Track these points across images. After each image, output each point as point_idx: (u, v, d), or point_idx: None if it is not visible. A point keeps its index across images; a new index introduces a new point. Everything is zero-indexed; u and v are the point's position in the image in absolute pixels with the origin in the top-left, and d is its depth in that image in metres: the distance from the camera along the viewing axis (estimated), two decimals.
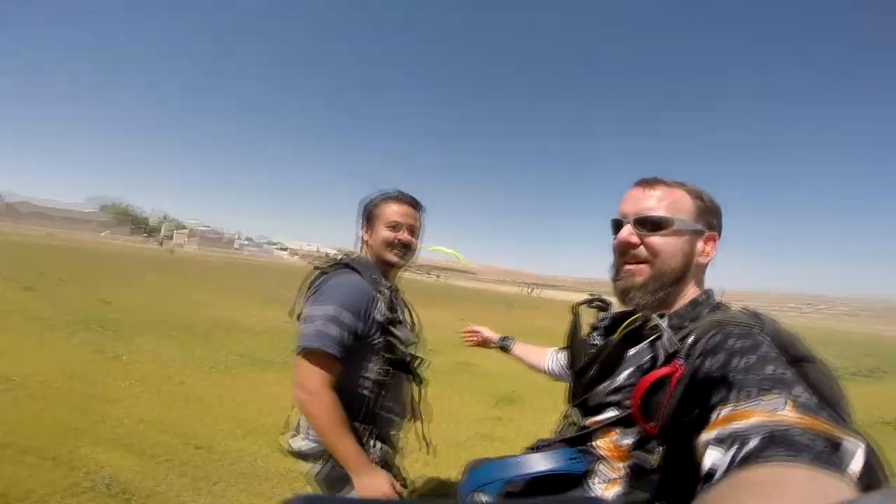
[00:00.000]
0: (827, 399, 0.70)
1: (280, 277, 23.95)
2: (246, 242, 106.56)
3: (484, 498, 0.98)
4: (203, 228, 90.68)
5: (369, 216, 1.65)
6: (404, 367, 1.60)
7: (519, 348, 1.72)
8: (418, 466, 3.05)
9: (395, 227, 1.59)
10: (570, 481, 0.94)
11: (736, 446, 0.56)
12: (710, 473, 0.57)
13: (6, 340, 5.51)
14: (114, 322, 7.44)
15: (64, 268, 14.00)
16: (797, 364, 0.74)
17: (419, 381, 1.68)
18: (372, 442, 1.47)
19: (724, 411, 0.63)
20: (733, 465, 0.53)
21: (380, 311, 1.49)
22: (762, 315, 0.83)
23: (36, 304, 8.19)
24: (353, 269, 1.54)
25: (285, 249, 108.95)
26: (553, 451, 1.00)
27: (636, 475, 0.83)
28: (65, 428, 3.32)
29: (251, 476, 3.01)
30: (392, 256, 1.60)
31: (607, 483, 0.89)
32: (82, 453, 2.97)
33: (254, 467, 3.13)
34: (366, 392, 1.49)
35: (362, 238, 1.68)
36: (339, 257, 1.64)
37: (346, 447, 1.36)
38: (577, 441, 0.97)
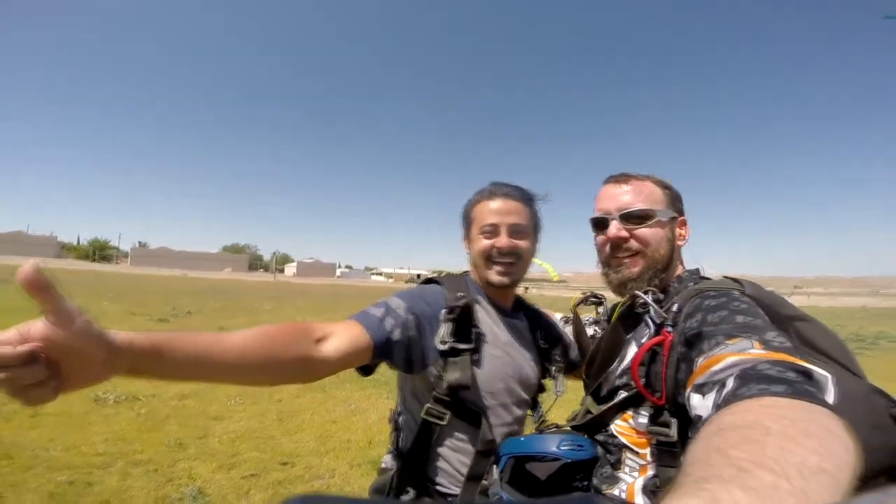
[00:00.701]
0: (825, 353, 0.78)
1: (374, 298, 24.80)
2: (346, 270, 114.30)
3: (495, 469, 1.04)
4: (308, 260, 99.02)
5: (466, 223, 1.29)
6: (471, 418, 1.11)
7: None
8: None
9: (492, 231, 1.19)
10: (585, 465, 0.96)
11: (715, 390, 0.59)
12: (697, 421, 0.61)
13: None
14: None
15: (193, 302, 15.90)
16: (789, 323, 0.81)
17: (485, 448, 1.09)
18: (407, 488, 1.12)
19: (700, 361, 0.68)
20: (714, 409, 0.56)
21: (440, 336, 1.09)
22: (743, 281, 0.90)
23: None
24: (436, 282, 1.25)
25: (380, 274, 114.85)
26: (551, 434, 1.02)
27: (662, 454, 0.85)
28: (172, 443, 3.59)
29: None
30: (493, 274, 1.19)
31: (638, 471, 0.90)
32: (181, 467, 3.16)
33: (329, 484, 3.10)
34: (408, 431, 1.16)
35: (467, 251, 1.31)
36: (433, 275, 1.31)
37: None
38: (593, 428, 1.00)
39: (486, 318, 1.21)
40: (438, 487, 1.14)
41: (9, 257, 45.07)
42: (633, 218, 1.02)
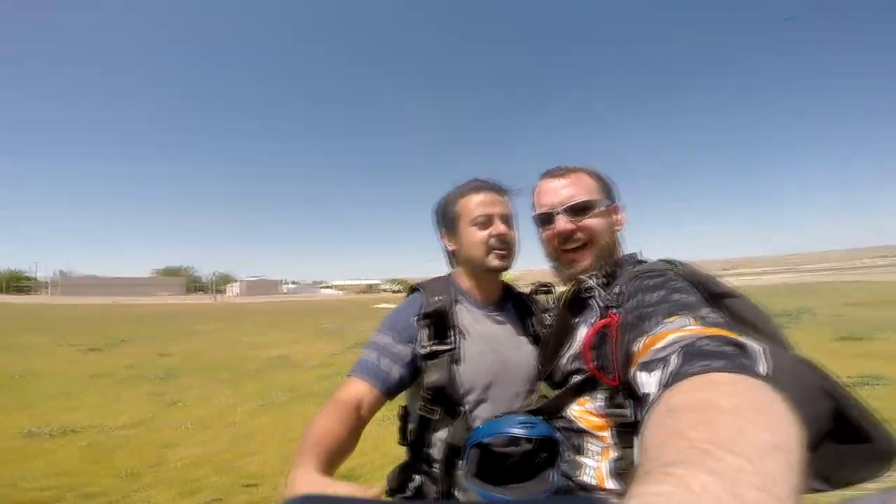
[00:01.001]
0: (753, 326, 0.80)
1: (324, 313, 24.44)
2: (292, 286, 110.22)
3: (460, 464, 1.05)
4: (251, 279, 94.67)
5: (448, 220, 1.30)
6: (455, 413, 1.17)
7: None
8: None
9: (486, 221, 1.23)
10: (547, 445, 0.98)
11: (660, 368, 0.61)
12: (646, 399, 0.61)
13: (72, 397, 5.84)
14: (170, 371, 7.75)
15: (125, 329, 14.86)
16: (720, 300, 0.85)
17: (462, 434, 1.13)
18: (413, 475, 1.21)
19: (643, 340, 0.70)
20: (661, 388, 0.57)
21: (421, 341, 1.18)
22: (676, 261, 0.94)
23: (100, 363, 8.67)
24: (418, 289, 1.31)
25: (330, 287, 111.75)
26: (505, 417, 1.06)
27: (623, 435, 0.87)
28: (122, 473, 3.40)
29: None
30: (494, 260, 1.23)
31: (600, 454, 0.91)
32: (138, 497, 3.02)
33: None
34: (412, 424, 1.24)
35: (448, 250, 1.34)
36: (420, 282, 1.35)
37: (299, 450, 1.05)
38: (549, 412, 1.02)
39: (468, 316, 1.27)
40: (436, 472, 1.21)
41: None
42: (578, 210, 1.05)
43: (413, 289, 1.35)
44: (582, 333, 0.99)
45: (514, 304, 1.37)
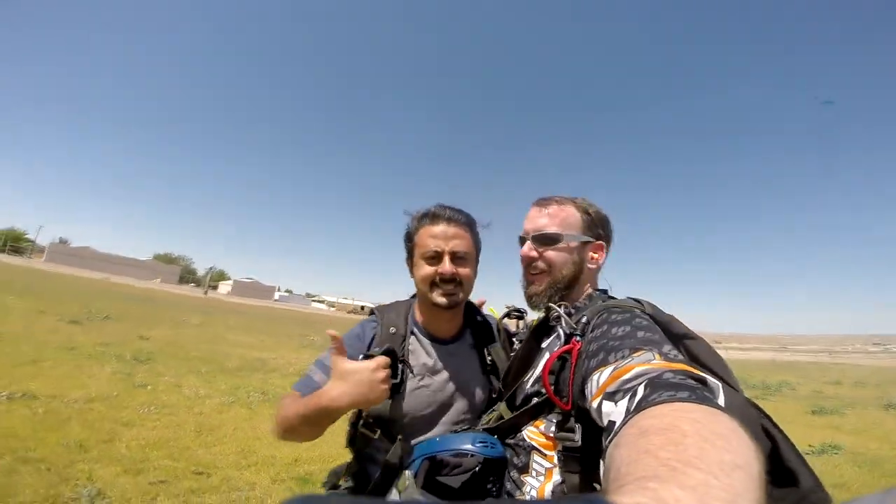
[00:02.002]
0: (709, 368, 0.84)
1: (311, 325, 24.14)
2: (286, 294, 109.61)
3: (407, 475, 1.05)
4: (246, 280, 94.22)
5: (408, 248, 1.29)
6: (389, 437, 1.20)
7: None
8: None
9: (433, 257, 1.21)
10: (497, 466, 1.02)
11: (627, 397, 0.64)
12: (611, 427, 0.62)
13: (42, 365, 5.66)
14: (148, 356, 7.54)
15: (112, 307, 14.57)
16: (680, 340, 0.89)
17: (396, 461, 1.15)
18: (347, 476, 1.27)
19: (608, 371, 0.73)
20: (629, 415, 0.58)
21: None
22: (643, 301, 0.99)
23: (78, 336, 8.46)
24: (374, 314, 1.33)
25: (322, 302, 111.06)
26: (463, 433, 1.10)
27: (567, 460, 0.88)
28: (71, 444, 3.24)
29: None
30: (438, 297, 1.21)
31: (544, 475, 0.93)
32: (79, 468, 2.86)
33: (249, 497, 2.91)
34: (356, 440, 1.24)
35: (410, 275, 1.32)
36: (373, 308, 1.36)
37: (303, 405, 1.07)
38: (505, 432, 1.06)
39: (419, 350, 1.29)
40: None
41: None
42: (544, 240, 1.11)
43: (371, 312, 1.35)
44: (545, 358, 1.03)
45: (472, 333, 1.38)
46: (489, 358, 1.32)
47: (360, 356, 1.11)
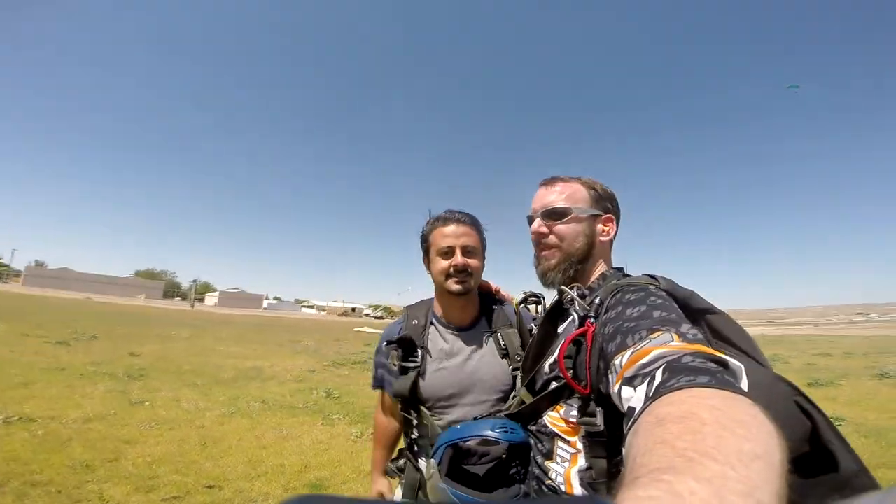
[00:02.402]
0: (732, 342, 0.84)
1: (304, 331, 23.94)
2: (274, 302, 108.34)
3: (432, 463, 1.09)
4: (232, 290, 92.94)
5: (424, 249, 1.50)
6: (423, 418, 1.41)
7: None
8: None
9: (448, 252, 1.41)
10: (520, 451, 1.05)
11: (646, 382, 0.62)
12: (630, 413, 0.61)
13: (33, 388, 5.54)
14: (140, 372, 7.43)
15: (98, 326, 14.30)
16: (701, 315, 0.88)
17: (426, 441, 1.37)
18: (402, 463, 1.49)
19: (627, 355, 0.70)
20: (647, 401, 0.57)
21: (392, 361, 1.44)
22: (660, 277, 0.94)
23: (67, 356, 8.29)
24: (406, 311, 1.58)
25: (312, 307, 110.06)
26: (483, 420, 1.14)
27: (591, 445, 0.87)
28: (77, 465, 3.20)
29: None
30: (452, 285, 1.41)
31: (569, 461, 0.93)
32: (89, 488, 2.83)
33: None
34: (402, 424, 1.52)
35: (428, 272, 1.53)
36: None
37: (373, 457, 1.61)
38: (526, 417, 1.06)
39: (437, 337, 1.49)
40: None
41: None
42: (553, 215, 1.11)
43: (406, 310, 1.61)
44: (561, 342, 1.01)
45: (487, 320, 1.54)
46: (503, 343, 1.46)
47: (384, 343, 1.50)
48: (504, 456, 1.07)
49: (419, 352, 1.43)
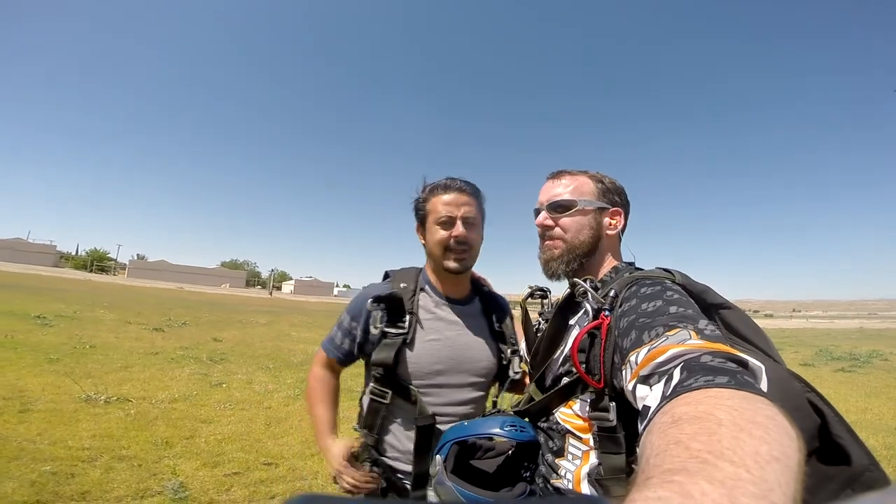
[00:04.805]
0: (748, 339, 0.82)
1: None
2: (344, 289, 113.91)
3: (438, 459, 1.05)
4: (306, 279, 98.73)
5: (420, 215, 1.36)
6: (406, 395, 1.26)
7: None
8: None
9: (447, 222, 1.28)
10: (530, 450, 1.02)
11: (663, 381, 0.61)
12: (645, 412, 0.60)
13: (132, 370, 6.28)
14: (221, 356, 8.17)
15: (188, 313, 15.85)
16: (715, 310, 0.86)
17: (421, 419, 1.23)
18: (368, 457, 1.28)
19: (643, 352, 0.69)
20: (663, 400, 0.56)
21: (374, 322, 1.26)
22: (674, 270, 0.94)
23: (161, 342, 9.30)
24: (388, 275, 1.42)
25: None
26: (492, 417, 1.09)
27: (604, 440, 0.85)
28: (158, 441, 3.61)
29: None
30: (450, 262, 1.29)
31: (581, 458, 0.91)
32: (165, 463, 3.18)
33: (312, 485, 3.13)
34: (364, 405, 1.32)
35: (421, 242, 1.40)
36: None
37: (312, 417, 1.38)
38: (536, 414, 1.04)
39: (429, 305, 1.35)
40: (388, 461, 1.28)
41: (8, 264, 45.14)
42: (558, 207, 1.10)
43: (386, 275, 1.43)
44: (573, 335, 1.00)
45: (481, 299, 1.44)
46: (497, 325, 1.38)
47: (369, 300, 1.29)
48: (511, 452, 1.06)
49: (407, 318, 1.28)
